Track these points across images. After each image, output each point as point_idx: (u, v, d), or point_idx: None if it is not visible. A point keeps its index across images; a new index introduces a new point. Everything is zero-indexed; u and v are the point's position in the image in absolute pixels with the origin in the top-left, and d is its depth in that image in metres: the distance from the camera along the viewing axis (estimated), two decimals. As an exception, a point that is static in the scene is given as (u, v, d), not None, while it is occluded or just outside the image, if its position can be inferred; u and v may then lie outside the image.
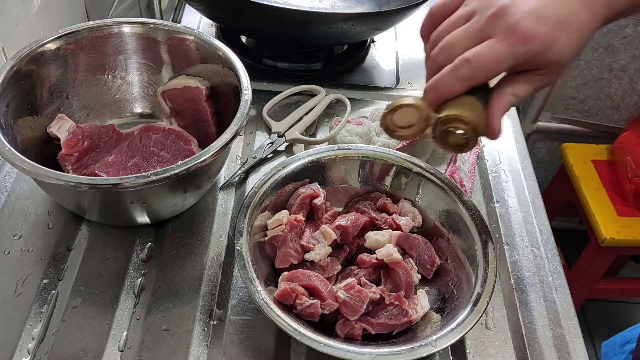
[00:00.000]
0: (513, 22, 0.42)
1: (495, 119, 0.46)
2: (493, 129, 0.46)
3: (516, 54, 0.42)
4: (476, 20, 0.44)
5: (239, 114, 0.60)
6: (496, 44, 0.42)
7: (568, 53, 0.44)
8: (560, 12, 0.43)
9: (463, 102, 0.44)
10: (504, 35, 0.42)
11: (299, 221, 0.58)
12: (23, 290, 0.58)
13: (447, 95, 0.44)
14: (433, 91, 0.45)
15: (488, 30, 0.43)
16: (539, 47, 0.42)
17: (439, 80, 0.44)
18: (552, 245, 0.69)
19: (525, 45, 0.42)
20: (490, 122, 0.46)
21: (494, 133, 0.46)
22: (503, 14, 0.42)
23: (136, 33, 0.70)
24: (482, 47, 0.43)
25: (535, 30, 0.42)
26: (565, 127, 1.62)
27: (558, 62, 0.44)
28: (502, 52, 0.42)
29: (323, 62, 0.91)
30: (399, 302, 0.55)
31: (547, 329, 0.60)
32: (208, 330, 0.57)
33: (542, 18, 0.42)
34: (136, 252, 0.63)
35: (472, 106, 0.44)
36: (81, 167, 0.64)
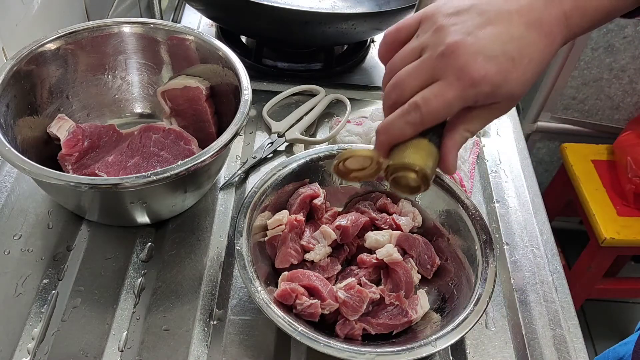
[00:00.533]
0: (461, 65, 0.40)
1: (449, 158, 0.45)
2: (447, 167, 0.46)
3: (466, 97, 0.42)
4: (426, 58, 0.42)
5: (239, 114, 0.60)
6: (445, 88, 0.41)
7: (521, 86, 0.42)
8: (512, 47, 0.41)
9: (413, 146, 0.44)
10: (452, 78, 0.41)
11: (299, 221, 0.58)
12: (23, 290, 0.58)
13: (399, 138, 0.44)
14: (385, 134, 0.45)
15: (437, 70, 0.42)
16: (490, 87, 0.41)
17: (390, 123, 0.44)
18: (552, 245, 0.69)
19: (475, 88, 0.41)
20: (444, 161, 0.45)
21: (448, 170, 0.46)
22: (451, 54, 0.41)
23: (136, 33, 0.70)
24: (432, 92, 0.42)
25: (484, 72, 0.40)
26: (565, 127, 1.62)
27: (512, 97, 0.43)
28: (451, 97, 0.41)
29: (323, 62, 0.91)
30: (399, 302, 0.55)
31: (547, 329, 0.60)
32: (208, 330, 0.57)
33: (491, 58, 0.41)
34: (136, 252, 0.63)
35: (422, 151, 0.44)
36: (81, 167, 0.64)
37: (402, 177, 0.45)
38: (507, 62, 0.41)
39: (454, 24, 0.42)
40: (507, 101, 0.43)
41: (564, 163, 1.54)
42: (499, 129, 0.84)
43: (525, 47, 0.42)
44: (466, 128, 0.45)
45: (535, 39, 0.42)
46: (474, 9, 0.42)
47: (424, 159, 0.44)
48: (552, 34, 0.43)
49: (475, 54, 0.41)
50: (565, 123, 1.61)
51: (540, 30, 0.42)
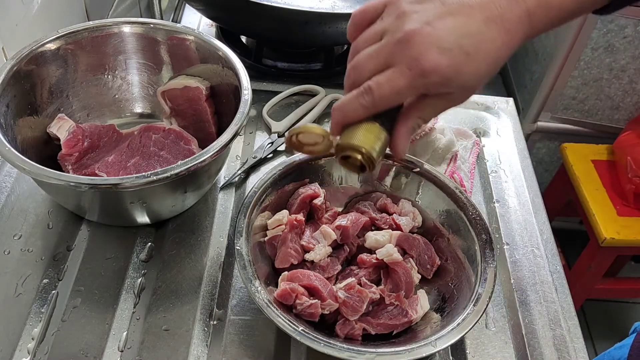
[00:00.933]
0: (414, 55, 0.41)
1: (400, 143, 0.47)
2: (397, 151, 0.47)
3: (415, 86, 0.42)
4: (384, 44, 0.43)
5: (239, 114, 0.60)
6: (396, 76, 0.42)
7: (475, 80, 0.43)
8: (468, 41, 0.42)
9: (364, 129, 0.46)
10: (404, 67, 0.42)
11: (299, 221, 0.58)
12: (23, 290, 0.58)
13: (352, 119, 0.45)
14: (338, 113, 0.46)
15: (392, 57, 0.42)
16: (440, 79, 0.42)
17: (344, 103, 0.45)
18: (552, 245, 0.69)
19: (425, 78, 0.42)
20: (395, 145, 0.47)
21: (398, 154, 0.47)
22: (407, 42, 0.42)
23: (136, 33, 0.70)
24: (384, 77, 0.43)
25: (435, 64, 0.41)
26: (565, 127, 1.61)
27: (465, 89, 0.44)
28: (401, 84, 0.42)
29: (323, 62, 0.91)
30: (399, 302, 0.55)
31: (547, 329, 0.60)
32: (208, 330, 0.57)
33: (445, 50, 0.41)
34: (136, 252, 0.63)
35: (371, 134, 0.45)
36: (81, 167, 0.64)
37: (349, 157, 0.46)
38: (461, 56, 0.41)
39: (415, 12, 0.42)
40: (461, 92, 0.44)
41: (564, 163, 1.54)
42: (499, 129, 0.84)
43: (481, 43, 0.42)
44: (419, 115, 0.46)
45: (493, 35, 0.42)
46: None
47: (371, 142, 0.45)
48: (512, 31, 0.43)
49: (429, 45, 0.41)
50: (565, 123, 1.61)
51: (500, 26, 0.42)
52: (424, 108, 0.46)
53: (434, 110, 0.46)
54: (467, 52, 0.42)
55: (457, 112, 0.85)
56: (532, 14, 0.43)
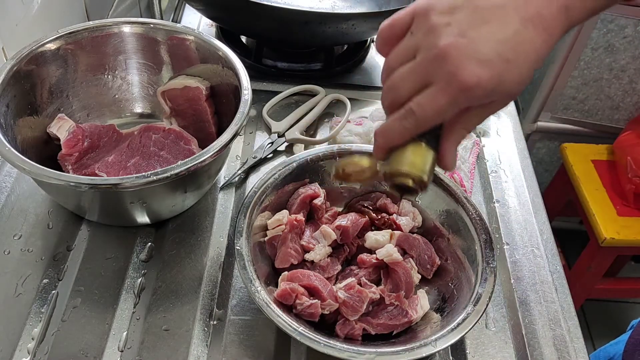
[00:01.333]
0: (453, 71, 0.40)
1: (448, 156, 0.46)
2: (447, 165, 0.46)
3: (459, 102, 0.41)
4: (419, 62, 0.42)
5: (239, 114, 0.60)
6: (437, 95, 0.41)
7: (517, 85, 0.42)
8: (506, 47, 0.40)
9: (411, 151, 0.45)
10: (444, 84, 0.40)
11: (299, 221, 0.58)
12: (23, 290, 0.58)
13: (396, 142, 0.45)
14: (382, 138, 0.45)
15: (430, 74, 0.41)
16: (483, 92, 0.40)
17: (387, 128, 0.45)
18: (552, 245, 0.69)
19: (468, 94, 0.40)
20: (443, 160, 0.46)
21: (448, 168, 0.46)
22: (444, 59, 0.40)
23: (136, 33, 0.70)
24: (425, 98, 0.42)
25: (477, 78, 0.39)
26: (565, 127, 1.62)
27: (508, 95, 0.42)
28: (443, 103, 0.41)
29: (323, 62, 0.91)
30: (399, 302, 0.55)
31: (547, 329, 0.60)
32: (208, 330, 0.57)
33: (485, 62, 0.39)
34: (136, 252, 0.63)
35: (419, 156, 0.45)
36: (81, 167, 0.64)
37: (399, 182, 0.46)
38: (502, 64, 0.40)
39: (447, 24, 0.41)
40: (504, 99, 0.43)
41: (564, 163, 1.54)
42: (499, 129, 0.84)
43: (520, 45, 0.40)
44: (463, 127, 0.45)
45: (532, 35, 0.41)
46: (468, 5, 0.41)
47: (420, 166, 0.45)
48: (551, 27, 0.41)
49: (467, 59, 0.39)
50: (565, 123, 1.61)
51: (538, 25, 0.41)
52: (468, 119, 0.44)
53: (478, 120, 0.45)
54: (507, 59, 0.40)
55: (457, 112, 0.85)
56: (570, 7, 0.42)
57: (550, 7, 0.41)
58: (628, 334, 0.77)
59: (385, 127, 0.45)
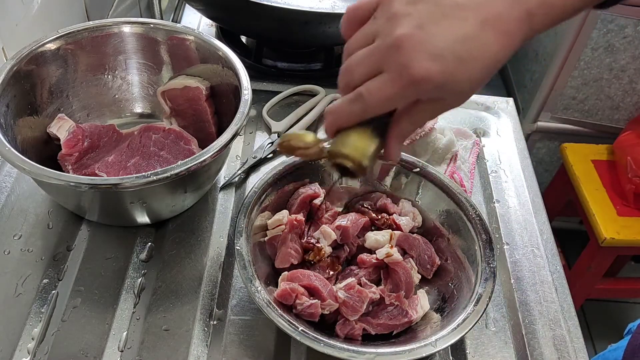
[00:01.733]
0: (404, 62, 0.39)
1: (392, 148, 0.46)
2: (390, 156, 0.46)
3: (407, 94, 0.41)
4: (375, 47, 0.42)
5: (239, 114, 0.60)
6: (387, 83, 0.41)
7: (469, 85, 0.41)
8: (462, 46, 0.40)
9: (356, 135, 0.45)
10: (395, 74, 0.40)
11: (299, 221, 0.58)
12: (23, 290, 0.58)
13: (343, 124, 0.45)
14: (331, 117, 0.45)
15: (382, 62, 0.41)
16: (432, 86, 0.40)
17: (337, 109, 0.45)
18: (552, 245, 0.69)
19: (416, 86, 0.40)
20: (387, 150, 0.46)
21: (391, 159, 0.47)
22: (398, 48, 0.40)
23: (136, 33, 0.70)
24: (375, 84, 0.42)
25: (426, 72, 0.39)
26: (565, 127, 1.61)
27: (459, 94, 0.42)
28: (392, 92, 0.41)
29: (323, 62, 0.91)
30: (399, 302, 0.55)
31: (547, 329, 0.60)
32: (208, 330, 0.57)
33: (437, 57, 0.39)
34: (136, 252, 0.63)
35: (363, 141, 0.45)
36: (81, 167, 0.64)
37: (339, 162, 0.46)
38: (454, 62, 0.40)
39: (408, 14, 0.40)
40: (455, 97, 0.43)
41: (564, 163, 1.54)
42: (499, 129, 0.84)
43: (476, 47, 0.40)
44: (411, 120, 0.45)
45: (490, 38, 0.40)
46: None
47: (361, 150, 0.45)
48: (510, 33, 0.41)
49: (420, 51, 0.39)
50: (565, 123, 1.61)
51: (497, 29, 0.40)
52: (417, 113, 0.44)
53: (427, 115, 0.45)
54: (461, 57, 0.40)
55: (457, 112, 0.85)
56: (533, 14, 0.41)
57: (512, 12, 0.40)
58: (627, 339, 0.77)
59: (334, 107, 0.45)
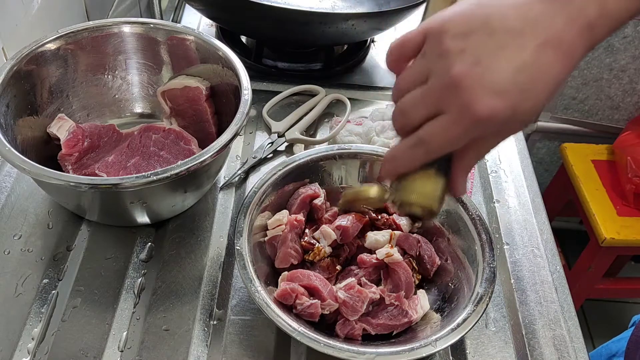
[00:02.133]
0: (466, 102, 0.38)
1: (459, 184, 0.45)
2: (457, 192, 0.45)
3: (471, 133, 0.40)
4: (431, 87, 0.40)
5: (239, 114, 0.60)
6: (450, 125, 0.39)
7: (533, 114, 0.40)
8: (523, 76, 0.38)
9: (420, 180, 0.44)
10: (457, 115, 0.39)
11: (299, 221, 0.58)
12: (23, 290, 0.58)
13: (405, 170, 0.44)
14: (391, 165, 0.44)
15: (442, 103, 0.39)
16: (497, 123, 0.38)
17: (396, 155, 0.43)
18: (552, 245, 0.69)
19: (481, 125, 0.39)
20: (454, 187, 0.45)
21: (458, 194, 0.46)
22: (457, 88, 0.38)
23: (136, 33, 0.70)
24: (436, 127, 0.40)
25: (491, 110, 0.37)
26: (565, 127, 1.62)
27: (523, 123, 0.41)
28: (456, 134, 0.39)
29: (323, 62, 0.91)
30: (399, 303, 0.55)
31: (547, 329, 0.60)
32: (208, 330, 0.57)
33: (500, 92, 0.37)
34: (136, 252, 0.63)
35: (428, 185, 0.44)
36: (81, 167, 0.64)
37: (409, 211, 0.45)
38: (518, 94, 0.38)
39: (462, 50, 0.38)
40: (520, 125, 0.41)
41: (564, 163, 1.54)
42: (499, 129, 0.84)
43: (538, 73, 0.38)
44: (475, 154, 0.44)
45: (550, 60, 0.38)
46: (484, 29, 0.38)
47: (429, 195, 0.44)
48: (571, 50, 0.38)
49: (481, 89, 0.37)
50: (565, 123, 1.61)
51: (558, 49, 0.38)
52: (481, 146, 0.43)
53: (490, 147, 0.44)
54: (524, 88, 0.38)
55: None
56: (594, 26, 0.38)
57: (572, 29, 0.38)
58: (630, 330, 0.77)
59: (394, 153, 0.43)
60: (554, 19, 0.38)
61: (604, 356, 0.82)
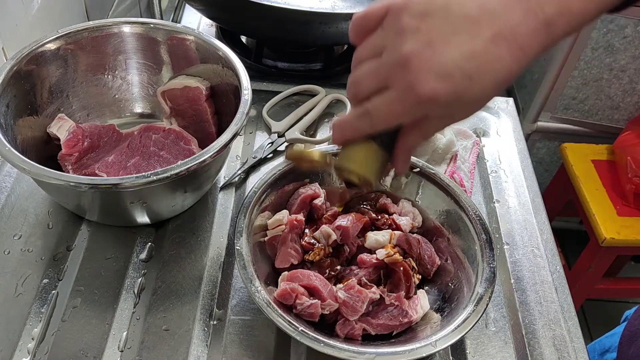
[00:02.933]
0: (411, 81, 0.38)
1: (400, 161, 0.46)
2: (398, 169, 0.47)
3: (413, 112, 0.41)
4: (382, 63, 0.41)
5: (239, 114, 0.60)
6: (393, 101, 0.40)
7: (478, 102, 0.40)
8: (472, 64, 0.38)
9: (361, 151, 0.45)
10: (401, 93, 0.39)
11: (299, 221, 0.58)
12: (23, 290, 0.58)
13: (350, 138, 0.45)
14: (338, 131, 0.45)
15: (390, 79, 0.40)
16: (439, 105, 0.39)
17: (344, 123, 0.45)
18: (552, 245, 0.69)
19: (424, 106, 0.39)
20: (395, 163, 0.46)
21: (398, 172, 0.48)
22: (404, 66, 0.38)
23: (136, 33, 0.70)
24: (382, 101, 0.41)
25: (433, 92, 0.38)
26: (565, 127, 1.62)
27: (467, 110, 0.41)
28: (398, 110, 0.40)
29: (323, 62, 0.91)
30: (399, 303, 0.55)
31: (547, 329, 0.60)
32: (208, 330, 0.57)
33: (445, 76, 0.38)
34: (136, 252, 0.63)
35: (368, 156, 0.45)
36: (81, 167, 0.64)
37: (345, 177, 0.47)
38: (463, 81, 0.38)
39: (417, 30, 0.39)
40: (463, 113, 0.42)
41: (564, 163, 1.54)
42: (499, 129, 0.84)
43: (487, 63, 0.38)
44: (419, 134, 0.44)
45: (502, 52, 0.38)
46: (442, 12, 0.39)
47: (366, 165, 0.45)
48: (525, 47, 0.39)
49: (428, 71, 0.38)
50: (565, 123, 1.61)
51: (511, 43, 0.38)
52: (425, 127, 0.44)
53: (434, 129, 0.45)
54: (470, 75, 0.38)
55: (457, 112, 0.85)
56: (552, 23, 0.39)
57: (528, 24, 0.38)
58: (623, 325, 0.77)
59: (342, 121, 0.45)
60: (512, 11, 0.38)
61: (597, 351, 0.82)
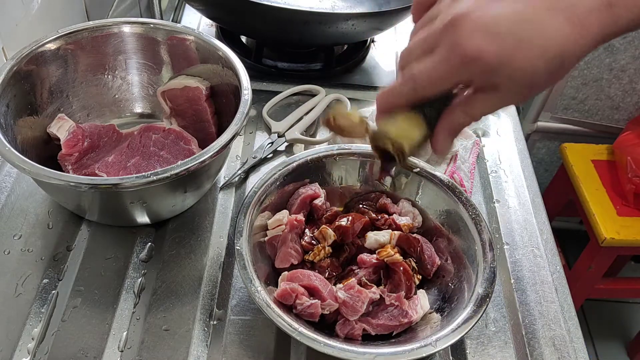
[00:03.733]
0: (457, 40, 0.37)
1: (440, 139, 0.43)
2: (436, 147, 0.44)
3: (457, 73, 0.39)
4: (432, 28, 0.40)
5: (239, 114, 0.60)
6: (437, 62, 0.39)
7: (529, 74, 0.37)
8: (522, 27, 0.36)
9: (403, 119, 0.43)
10: (446, 52, 0.38)
11: (299, 221, 0.58)
12: (23, 290, 0.58)
13: (393, 106, 0.43)
14: (381, 99, 0.44)
15: (438, 41, 0.39)
16: (485, 67, 0.37)
17: (388, 91, 0.43)
18: (552, 245, 0.69)
19: (468, 67, 0.37)
20: (434, 141, 0.44)
21: (436, 150, 0.44)
22: (452, 26, 0.37)
23: (136, 33, 0.70)
24: (427, 64, 0.39)
25: (479, 50, 0.36)
26: (565, 127, 1.62)
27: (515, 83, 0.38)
28: (442, 71, 0.39)
29: (323, 62, 0.91)
30: (399, 303, 0.54)
31: (547, 329, 0.60)
32: (208, 330, 0.57)
33: (492, 35, 0.36)
34: (136, 252, 0.63)
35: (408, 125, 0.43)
36: (81, 167, 0.64)
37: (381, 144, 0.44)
38: (511, 42, 0.36)
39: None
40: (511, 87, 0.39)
41: (564, 163, 1.54)
42: (499, 129, 0.84)
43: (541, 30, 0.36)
44: (465, 110, 0.42)
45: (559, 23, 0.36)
46: None
47: (405, 134, 0.43)
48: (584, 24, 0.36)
49: (475, 29, 0.37)
50: (565, 123, 1.61)
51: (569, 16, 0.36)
52: (472, 103, 0.41)
53: (482, 106, 0.41)
54: (520, 37, 0.36)
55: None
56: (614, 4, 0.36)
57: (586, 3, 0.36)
58: None
59: (386, 89, 0.43)
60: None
61: None
